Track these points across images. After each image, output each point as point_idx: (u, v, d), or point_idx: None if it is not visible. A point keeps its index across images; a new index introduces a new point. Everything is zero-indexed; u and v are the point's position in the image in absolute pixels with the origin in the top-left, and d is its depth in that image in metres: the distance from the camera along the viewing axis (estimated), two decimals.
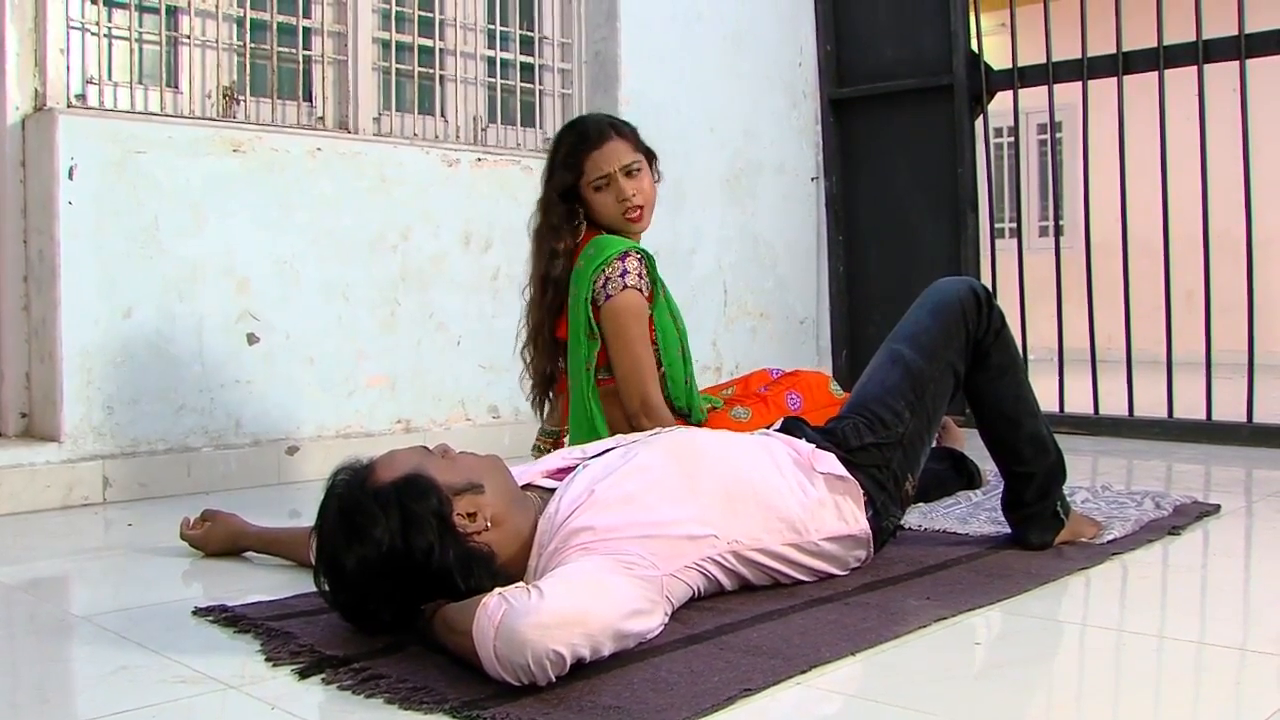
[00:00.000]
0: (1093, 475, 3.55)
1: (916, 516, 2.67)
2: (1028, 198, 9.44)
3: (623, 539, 1.75)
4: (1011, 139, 8.82)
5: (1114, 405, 4.33)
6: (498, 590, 1.54)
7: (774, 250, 5.02)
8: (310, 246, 3.47)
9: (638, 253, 2.63)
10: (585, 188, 2.68)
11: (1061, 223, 8.51)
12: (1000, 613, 1.93)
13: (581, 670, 1.54)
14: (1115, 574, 2.23)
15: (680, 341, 2.70)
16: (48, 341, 3.02)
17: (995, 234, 4.60)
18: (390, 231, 3.68)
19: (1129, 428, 4.25)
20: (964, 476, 3.00)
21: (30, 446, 2.97)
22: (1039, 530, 2.34)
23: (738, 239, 4.86)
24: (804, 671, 1.60)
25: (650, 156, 2.77)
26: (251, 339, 3.34)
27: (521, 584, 1.57)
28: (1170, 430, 4.17)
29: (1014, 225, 4.70)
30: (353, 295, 3.58)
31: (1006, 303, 4.38)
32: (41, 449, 2.97)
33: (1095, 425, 4.33)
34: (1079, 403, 4.42)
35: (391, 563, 1.66)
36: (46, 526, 2.79)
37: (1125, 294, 4.20)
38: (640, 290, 2.60)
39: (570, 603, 1.52)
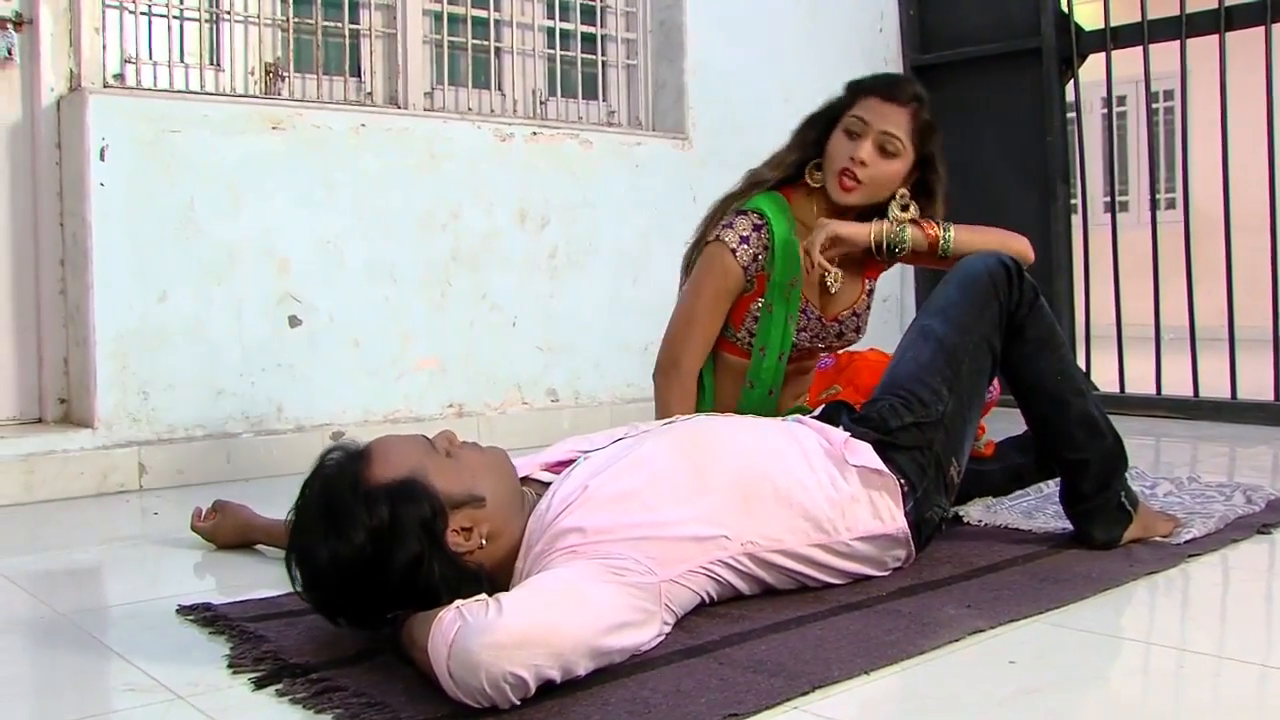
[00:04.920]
0: (1192, 463, 3.29)
1: (979, 510, 2.47)
2: (1137, 169, 8.99)
3: (615, 541, 1.59)
4: (1121, 109, 8.42)
5: (1216, 387, 4.03)
6: (456, 603, 1.39)
7: None
8: (355, 226, 3.37)
9: (766, 223, 2.36)
10: (842, 119, 2.37)
11: (1172, 195, 8.12)
12: (1046, 625, 1.72)
13: (558, 686, 1.39)
14: (1189, 580, 2.00)
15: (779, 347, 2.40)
16: (83, 326, 2.96)
17: (1105, 208, 4.29)
18: (440, 209, 3.56)
19: (1231, 411, 3.95)
20: (1045, 471, 2.75)
21: (64, 433, 2.91)
22: (1104, 526, 2.12)
23: None
24: (805, 693, 1.42)
25: (926, 159, 2.39)
26: (293, 321, 3.26)
27: (483, 596, 1.42)
28: (1277, 415, 3.85)
29: (1121, 199, 4.43)
30: (400, 275, 3.47)
31: (1103, 279, 4.14)
32: (75, 435, 2.92)
33: (1194, 409, 4.03)
34: (1177, 384, 4.12)
35: (366, 569, 1.51)
36: (73, 515, 2.73)
37: (1228, 269, 3.89)
38: (733, 249, 2.35)
39: (533, 619, 1.36)
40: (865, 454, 1.89)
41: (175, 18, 3.25)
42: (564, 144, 3.84)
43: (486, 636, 1.32)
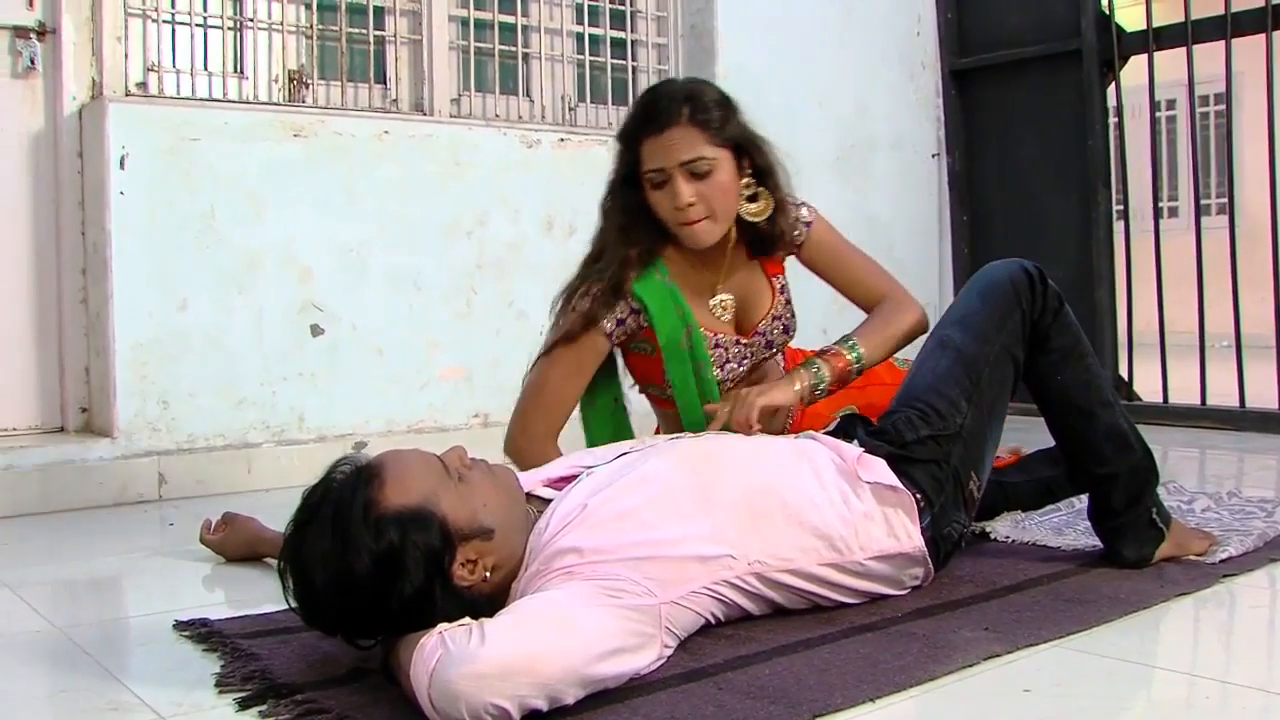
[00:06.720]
0: (1237, 476, 3.18)
1: (1007, 526, 2.38)
2: (1188, 174, 8.80)
3: (614, 562, 1.53)
4: (1171, 112, 8.25)
5: (1263, 397, 3.90)
6: (439, 628, 1.34)
7: (891, 232, 4.70)
8: (378, 234, 3.34)
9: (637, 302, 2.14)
10: (642, 178, 2.11)
11: (1223, 200, 7.93)
12: (1067, 650, 1.64)
13: (543, 714, 1.33)
14: (1224, 602, 1.90)
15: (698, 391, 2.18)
16: (103, 335, 2.96)
17: (1156, 214, 4.13)
18: (465, 217, 3.53)
19: (1278, 422, 3.82)
20: (1077, 485, 2.65)
21: (83, 442, 2.91)
22: (1134, 543, 2.04)
23: (849, 221, 4.47)
24: None
25: (740, 148, 2.14)
26: (315, 330, 3.23)
27: (467, 620, 1.36)
28: None
29: (1171, 205, 4.32)
30: (424, 284, 3.44)
31: (1148, 286, 4.03)
32: (95, 445, 2.91)
33: (1240, 419, 3.90)
34: (1223, 394, 4.00)
35: (366, 594, 1.45)
36: (90, 525, 2.72)
37: (1275, 275, 3.77)
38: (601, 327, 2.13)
39: (516, 648, 1.30)
40: (879, 470, 1.82)
41: (199, 26, 3.24)
42: (592, 150, 3.79)
43: (466, 666, 1.27)
